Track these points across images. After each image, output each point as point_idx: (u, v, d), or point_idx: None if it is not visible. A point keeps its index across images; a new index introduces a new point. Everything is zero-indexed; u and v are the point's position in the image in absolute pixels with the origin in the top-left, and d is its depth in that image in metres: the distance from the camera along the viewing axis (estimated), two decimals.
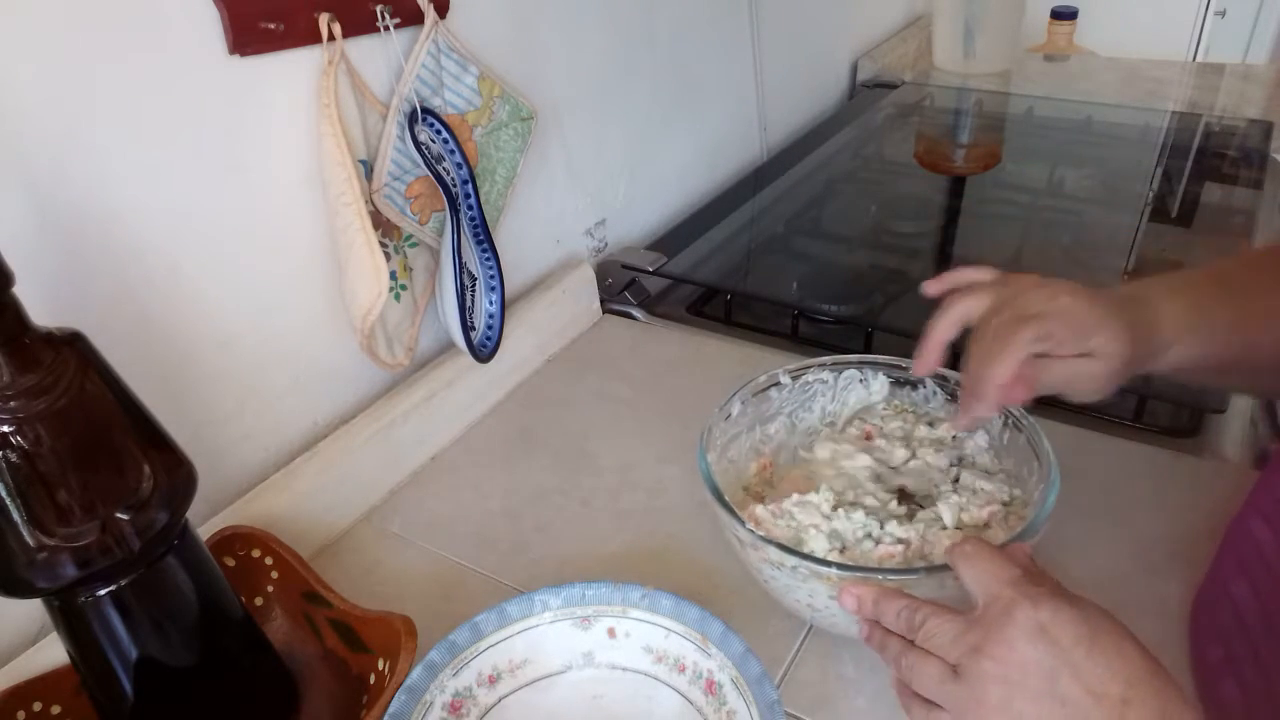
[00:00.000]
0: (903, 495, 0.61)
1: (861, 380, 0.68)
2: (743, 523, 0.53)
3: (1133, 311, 0.53)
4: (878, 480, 0.62)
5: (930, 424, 0.67)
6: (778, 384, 0.67)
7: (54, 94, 0.51)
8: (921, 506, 0.60)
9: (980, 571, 0.44)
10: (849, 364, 0.67)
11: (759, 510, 0.59)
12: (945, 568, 0.48)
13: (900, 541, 0.56)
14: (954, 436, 0.64)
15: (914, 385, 0.68)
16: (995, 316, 0.54)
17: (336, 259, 0.67)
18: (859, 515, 0.57)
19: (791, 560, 0.51)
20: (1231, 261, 0.59)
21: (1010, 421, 0.62)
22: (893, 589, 0.48)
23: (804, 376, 0.67)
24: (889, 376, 0.68)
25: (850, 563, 0.55)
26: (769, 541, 0.52)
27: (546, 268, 0.95)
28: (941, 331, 0.57)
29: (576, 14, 0.90)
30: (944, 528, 0.58)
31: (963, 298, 0.56)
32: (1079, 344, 0.52)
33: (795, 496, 0.59)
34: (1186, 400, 0.77)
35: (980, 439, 0.65)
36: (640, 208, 1.10)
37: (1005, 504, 0.60)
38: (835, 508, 0.59)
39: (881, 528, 0.57)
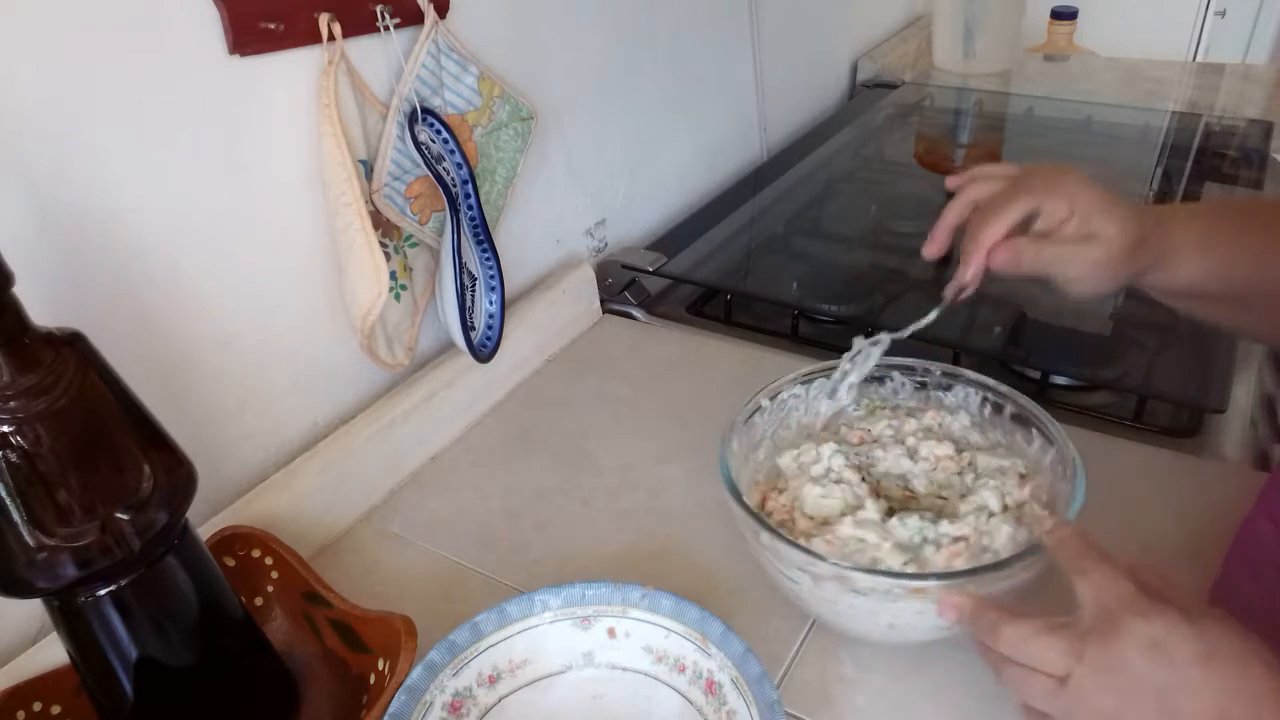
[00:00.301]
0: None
1: (829, 387, 0.67)
2: (822, 558, 0.51)
3: (1145, 214, 0.53)
4: (858, 471, 0.61)
5: (911, 414, 0.66)
6: (759, 408, 0.64)
7: (54, 94, 0.51)
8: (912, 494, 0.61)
9: (1094, 584, 0.43)
10: (817, 373, 0.66)
11: (817, 543, 0.55)
12: (1030, 553, 0.48)
13: (958, 539, 0.55)
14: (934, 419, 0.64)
15: (880, 380, 0.67)
16: (998, 193, 0.55)
17: (336, 259, 0.67)
18: (913, 520, 0.56)
19: (885, 583, 0.49)
20: (1255, 200, 0.59)
21: (989, 400, 0.64)
22: (983, 600, 0.47)
23: (780, 395, 0.65)
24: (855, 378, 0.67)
25: (944, 570, 0.53)
26: (856, 569, 0.50)
27: (546, 268, 0.95)
28: (951, 214, 0.57)
29: (576, 14, 0.90)
30: (992, 514, 0.57)
31: (976, 184, 0.57)
32: (1078, 223, 0.52)
33: (849, 520, 0.56)
34: (1186, 400, 0.77)
35: (962, 418, 0.65)
36: (640, 208, 1.10)
37: (1022, 475, 0.60)
38: (889, 514, 0.57)
39: (934, 527, 0.56)
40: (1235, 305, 0.57)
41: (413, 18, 0.68)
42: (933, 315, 0.61)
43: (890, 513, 0.58)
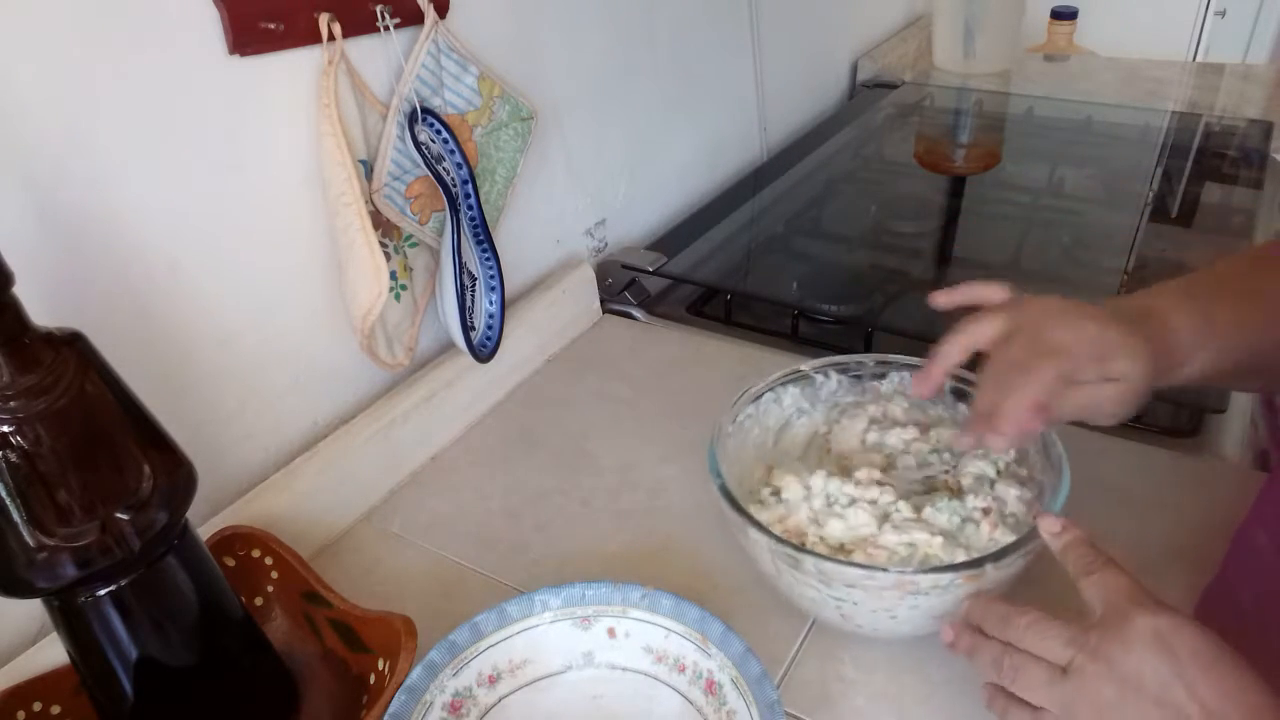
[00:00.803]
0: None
1: (775, 400, 0.67)
2: (884, 569, 0.50)
3: (1149, 328, 0.51)
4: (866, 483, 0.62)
5: (858, 408, 0.67)
6: (726, 433, 0.63)
7: (54, 94, 0.51)
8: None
9: (1101, 584, 0.44)
10: (771, 386, 0.66)
11: (858, 556, 0.56)
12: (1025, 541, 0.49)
13: (986, 511, 0.57)
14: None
15: (810, 380, 0.67)
16: (1010, 343, 0.52)
17: (336, 259, 0.67)
18: (944, 503, 0.57)
19: (946, 578, 0.49)
20: (1233, 262, 0.59)
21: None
22: (990, 596, 0.47)
23: (739, 418, 0.65)
24: (795, 385, 0.67)
25: (997, 548, 0.52)
26: (920, 572, 0.50)
27: (546, 268, 0.95)
28: (951, 355, 0.55)
29: (576, 14, 0.90)
30: (993, 480, 0.60)
31: (976, 322, 0.54)
32: (1100, 371, 0.50)
33: (888, 528, 0.56)
34: (1186, 400, 0.77)
35: (900, 402, 0.66)
36: (640, 208, 1.10)
37: (1000, 470, 0.61)
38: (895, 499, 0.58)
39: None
40: (1253, 375, 0.56)
41: (413, 18, 0.68)
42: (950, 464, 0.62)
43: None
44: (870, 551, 0.55)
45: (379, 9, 0.65)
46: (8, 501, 0.40)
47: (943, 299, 0.57)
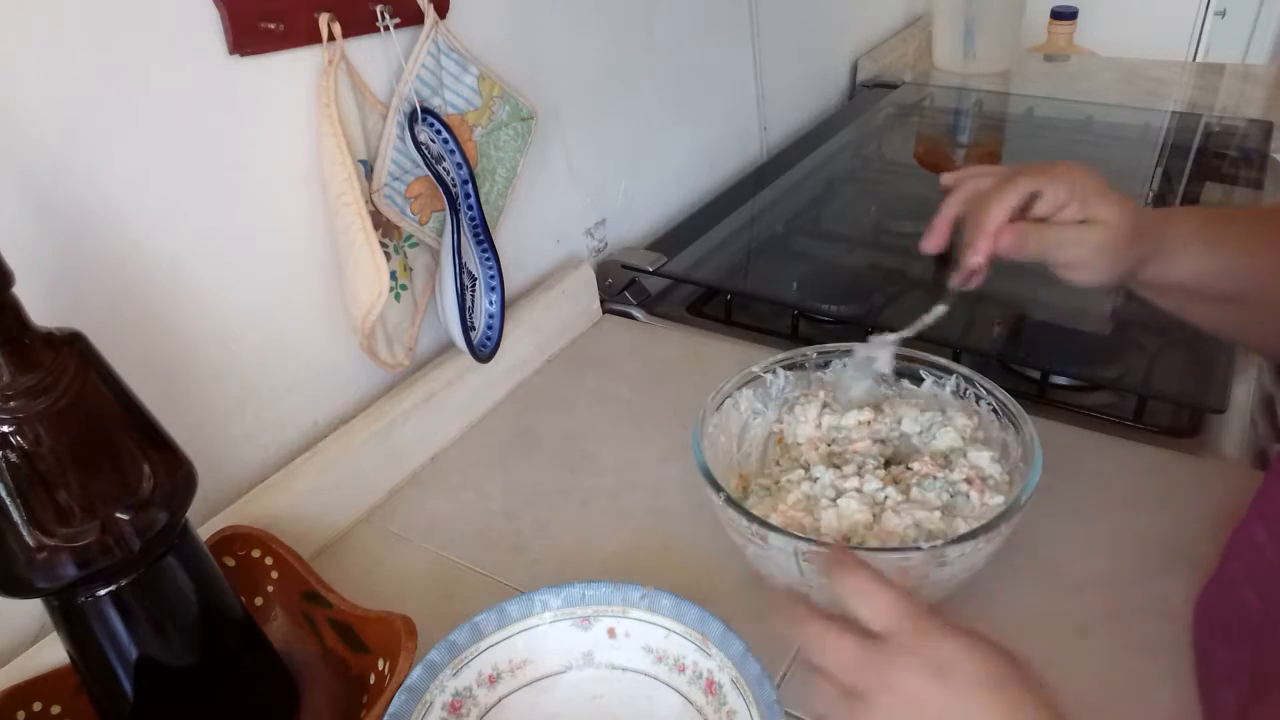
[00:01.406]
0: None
1: (734, 406, 0.67)
2: (919, 548, 0.51)
3: (1145, 209, 0.53)
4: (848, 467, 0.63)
5: (806, 401, 0.68)
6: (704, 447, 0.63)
7: (54, 93, 0.51)
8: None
9: (876, 605, 0.41)
10: (730, 393, 0.66)
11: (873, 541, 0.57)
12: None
13: (969, 480, 0.60)
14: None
15: (760, 378, 0.68)
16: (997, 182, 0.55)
17: (336, 259, 0.67)
18: (930, 483, 0.59)
19: (970, 546, 0.51)
20: (1255, 207, 0.60)
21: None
22: (816, 610, 0.43)
23: (707, 428, 0.64)
24: (749, 388, 0.67)
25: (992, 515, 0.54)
26: (949, 544, 0.51)
27: (546, 268, 0.95)
28: (950, 207, 0.58)
29: (576, 14, 0.90)
30: (966, 451, 0.62)
31: (973, 179, 0.58)
32: (1078, 207, 0.52)
33: (889, 515, 0.58)
34: (1186, 400, 0.77)
35: (851, 387, 0.68)
36: (640, 208, 1.10)
37: (942, 410, 0.66)
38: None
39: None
40: (1230, 306, 0.57)
41: (413, 18, 0.68)
42: (940, 309, 0.61)
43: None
44: (882, 536, 0.57)
45: (379, 9, 0.65)
46: (8, 501, 0.40)
47: (949, 178, 0.60)
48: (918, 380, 0.68)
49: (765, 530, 0.53)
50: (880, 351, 0.65)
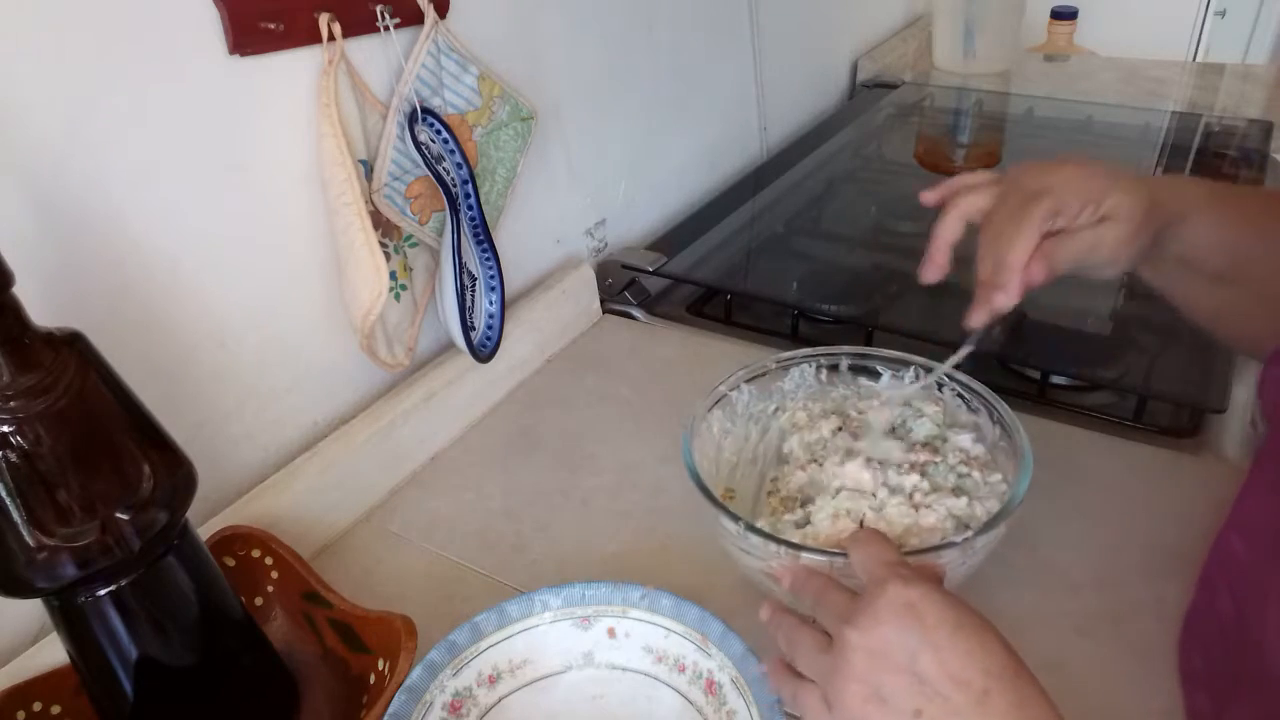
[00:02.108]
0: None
1: (709, 429, 0.66)
2: (952, 544, 0.51)
3: (1148, 180, 0.52)
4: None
5: (776, 415, 0.68)
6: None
7: (54, 94, 0.51)
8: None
9: (865, 554, 0.45)
10: (702, 416, 0.65)
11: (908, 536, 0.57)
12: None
13: (965, 463, 0.60)
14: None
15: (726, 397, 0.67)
16: (1002, 204, 0.53)
17: (336, 259, 0.67)
18: (932, 468, 0.59)
19: (993, 534, 0.51)
20: (1254, 187, 0.59)
21: (822, 365, 0.68)
22: (816, 570, 0.48)
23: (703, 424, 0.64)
24: (718, 408, 0.67)
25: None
26: (980, 534, 0.51)
27: (546, 268, 0.95)
28: (947, 230, 0.56)
29: (576, 14, 0.90)
30: (944, 439, 0.62)
31: (965, 196, 0.55)
32: (1093, 210, 0.51)
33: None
34: (1186, 400, 0.77)
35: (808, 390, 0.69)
36: (640, 208, 1.10)
37: (905, 403, 0.65)
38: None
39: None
40: (1221, 287, 0.56)
41: (413, 18, 0.68)
42: (966, 349, 0.59)
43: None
44: (923, 535, 0.56)
45: (379, 9, 0.65)
46: (8, 501, 0.40)
47: (931, 196, 0.58)
48: (875, 376, 0.69)
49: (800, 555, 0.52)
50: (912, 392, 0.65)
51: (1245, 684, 0.45)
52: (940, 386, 0.65)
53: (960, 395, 0.64)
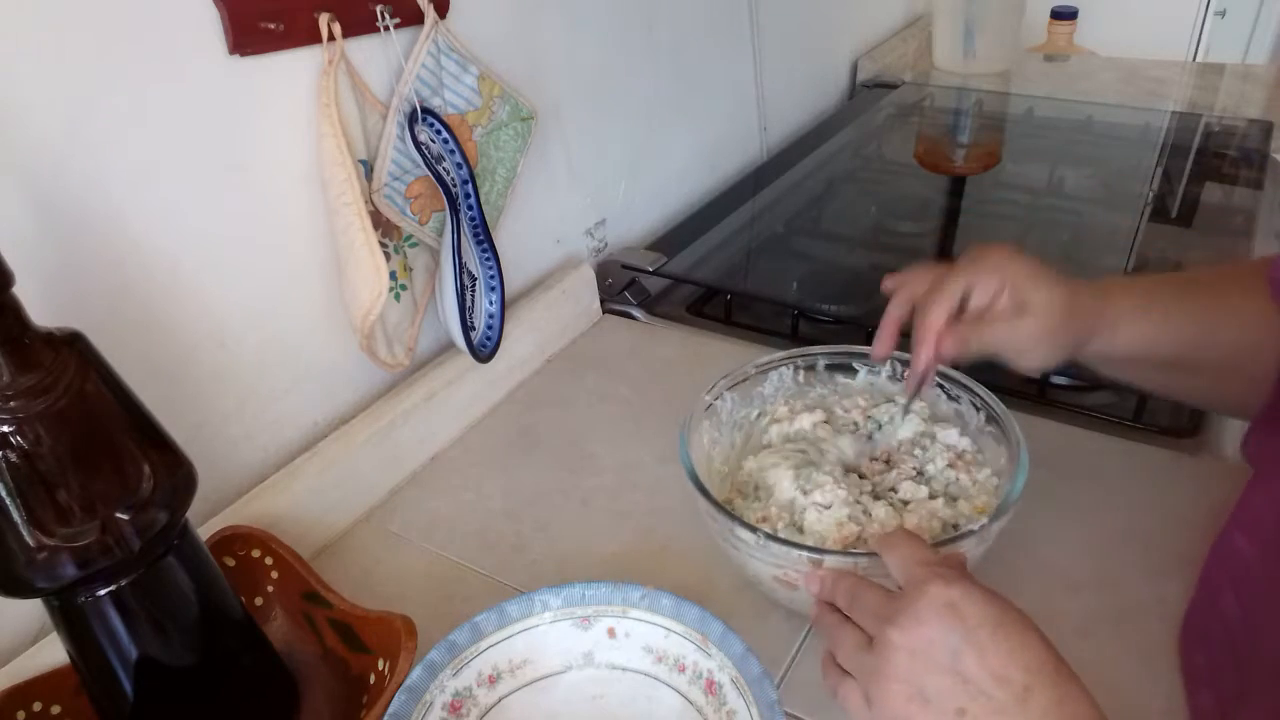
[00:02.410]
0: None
1: (699, 441, 0.65)
2: (958, 539, 0.52)
3: (1079, 284, 0.54)
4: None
5: (758, 422, 0.69)
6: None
7: (54, 94, 0.51)
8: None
9: (901, 556, 0.45)
10: (691, 427, 0.64)
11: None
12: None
13: (958, 457, 0.61)
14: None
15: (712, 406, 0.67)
16: (931, 280, 0.57)
17: (336, 259, 0.67)
18: (931, 468, 0.61)
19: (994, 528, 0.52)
20: (1195, 270, 0.61)
21: (799, 366, 0.69)
22: (848, 571, 0.49)
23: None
24: (705, 419, 0.67)
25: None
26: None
27: (546, 268, 0.95)
28: (894, 310, 0.60)
29: (576, 14, 0.90)
30: (934, 436, 0.63)
31: (912, 282, 0.59)
32: (1012, 296, 0.53)
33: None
34: None
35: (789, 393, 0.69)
36: (640, 208, 1.10)
37: (878, 402, 0.67)
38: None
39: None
40: (1181, 372, 0.57)
41: (413, 18, 0.68)
42: (902, 418, 0.64)
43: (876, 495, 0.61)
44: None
45: (379, 9, 0.65)
46: (8, 501, 0.40)
47: (889, 282, 0.62)
48: (851, 373, 0.69)
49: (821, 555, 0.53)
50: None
51: (1254, 683, 0.45)
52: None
53: (940, 385, 0.65)
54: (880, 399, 0.68)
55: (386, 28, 0.66)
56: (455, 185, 0.72)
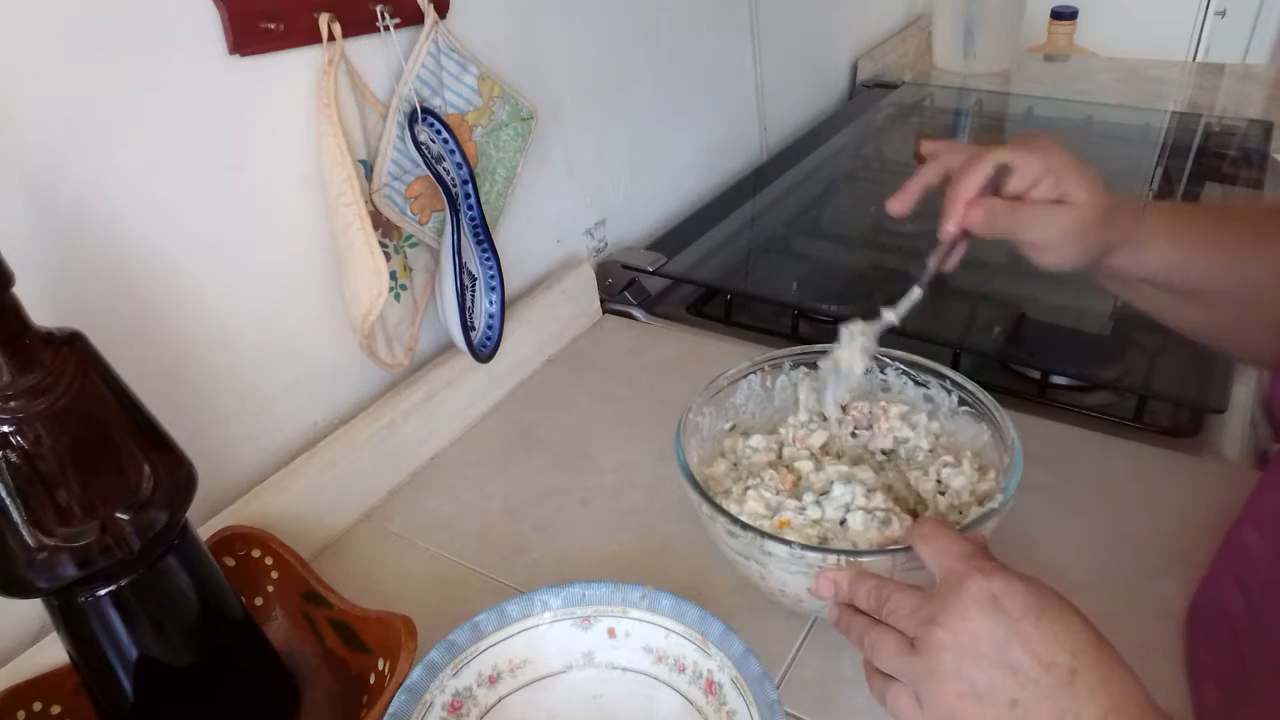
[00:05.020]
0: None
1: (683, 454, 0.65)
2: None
3: (1121, 196, 0.53)
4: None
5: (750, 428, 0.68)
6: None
7: (54, 94, 0.51)
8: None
9: (936, 549, 0.45)
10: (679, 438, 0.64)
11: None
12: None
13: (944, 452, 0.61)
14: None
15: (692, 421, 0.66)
16: (971, 153, 0.56)
17: (336, 259, 0.67)
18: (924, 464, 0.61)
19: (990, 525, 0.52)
20: (1231, 205, 0.60)
21: (763, 369, 0.68)
22: (866, 571, 0.48)
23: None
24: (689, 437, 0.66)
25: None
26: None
27: (546, 268, 0.95)
28: (926, 173, 0.58)
29: (576, 14, 0.90)
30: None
31: (948, 150, 0.58)
32: (1051, 184, 0.52)
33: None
34: (1186, 400, 0.77)
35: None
36: (640, 208, 1.10)
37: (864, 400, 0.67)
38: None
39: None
40: (1195, 304, 0.56)
41: (413, 18, 0.68)
42: (917, 293, 0.61)
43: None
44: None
45: (379, 9, 0.65)
46: (8, 501, 0.40)
47: (927, 146, 0.60)
48: (814, 368, 0.69)
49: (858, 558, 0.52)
50: (855, 355, 0.64)
51: (1260, 678, 0.45)
52: (882, 368, 0.66)
53: (905, 373, 0.65)
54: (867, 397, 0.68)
55: (386, 28, 0.66)
56: (455, 185, 0.72)
